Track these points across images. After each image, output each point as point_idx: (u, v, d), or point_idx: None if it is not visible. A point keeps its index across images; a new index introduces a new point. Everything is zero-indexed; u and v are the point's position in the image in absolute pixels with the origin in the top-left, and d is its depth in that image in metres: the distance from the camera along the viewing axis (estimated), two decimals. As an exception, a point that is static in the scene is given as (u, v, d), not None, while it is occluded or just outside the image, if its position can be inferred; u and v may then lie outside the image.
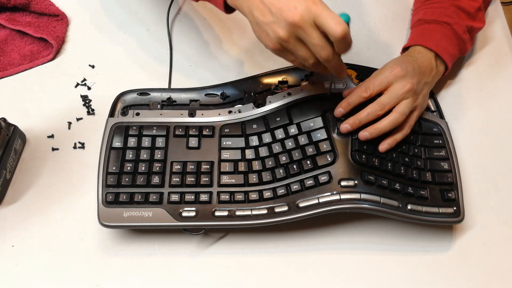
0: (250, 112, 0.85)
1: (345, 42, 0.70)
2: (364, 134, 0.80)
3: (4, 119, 0.85)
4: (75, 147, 0.89)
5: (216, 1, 0.78)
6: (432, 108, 0.90)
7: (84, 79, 0.96)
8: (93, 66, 0.98)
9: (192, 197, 0.78)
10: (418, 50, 0.88)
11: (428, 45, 0.88)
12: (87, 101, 0.94)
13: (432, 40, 0.89)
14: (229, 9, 0.78)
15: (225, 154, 0.82)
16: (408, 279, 0.80)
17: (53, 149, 0.89)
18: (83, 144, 0.89)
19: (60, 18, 1.01)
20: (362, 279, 0.80)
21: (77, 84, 0.96)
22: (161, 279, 0.79)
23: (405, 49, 0.92)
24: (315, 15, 0.68)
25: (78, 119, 0.92)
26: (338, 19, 0.67)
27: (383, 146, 0.81)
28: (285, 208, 0.77)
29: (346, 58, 0.92)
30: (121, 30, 1.03)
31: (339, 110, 0.82)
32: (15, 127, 0.86)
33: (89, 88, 0.95)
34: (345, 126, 0.81)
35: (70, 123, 0.92)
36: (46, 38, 0.97)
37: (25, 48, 0.98)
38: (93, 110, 0.93)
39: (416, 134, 0.84)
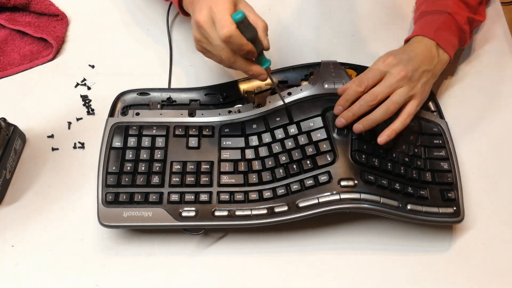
0: (250, 112, 0.85)
1: (232, 44, 0.70)
2: (358, 127, 0.80)
3: (4, 119, 0.85)
4: (75, 147, 0.89)
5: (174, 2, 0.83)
6: (432, 108, 0.90)
7: (84, 79, 0.96)
8: (93, 66, 0.98)
9: (192, 197, 0.78)
10: (417, 39, 0.88)
11: (427, 34, 0.88)
12: (87, 101, 0.94)
13: (431, 29, 0.88)
14: (185, 12, 0.84)
15: (225, 154, 0.82)
16: (408, 279, 0.79)
17: (53, 149, 0.89)
18: (83, 144, 0.89)
19: (60, 18, 1.01)
20: (362, 279, 0.80)
21: (77, 84, 0.96)
22: (161, 279, 0.79)
23: (406, 41, 0.92)
24: (212, 17, 0.70)
25: (78, 119, 0.92)
26: (224, 21, 0.69)
27: (382, 138, 0.80)
28: (285, 208, 0.77)
29: (347, 58, 0.93)
30: (121, 30, 1.03)
31: (338, 108, 0.82)
32: (15, 127, 0.86)
33: (89, 88, 0.96)
34: (340, 120, 0.81)
35: (70, 123, 0.92)
36: (46, 38, 0.97)
37: (25, 48, 0.99)
38: (93, 110, 0.93)
39: (416, 134, 0.84)
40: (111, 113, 0.86)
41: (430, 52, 0.86)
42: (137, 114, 0.86)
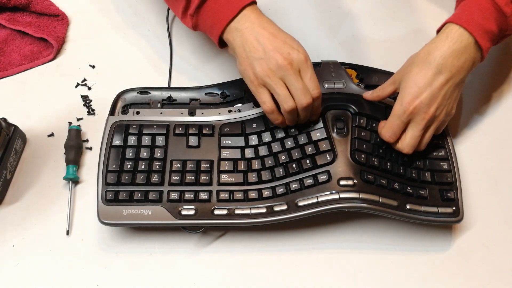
0: (250, 111, 0.85)
1: (315, 105, 0.78)
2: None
3: (4, 119, 0.85)
4: (75, 147, 0.89)
5: (212, 33, 0.80)
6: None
7: (85, 79, 0.97)
8: (93, 66, 0.98)
9: (192, 195, 0.78)
10: (447, 31, 0.77)
11: (456, 20, 0.76)
12: (87, 101, 0.94)
13: (463, 14, 0.77)
14: (223, 45, 0.82)
15: (225, 153, 0.82)
16: (407, 279, 0.80)
17: (53, 149, 0.89)
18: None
19: (60, 18, 1.01)
20: (361, 278, 0.80)
21: (78, 84, 0.96)
22: (161, 278, 0.79)
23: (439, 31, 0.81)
24: (302, 69, 0.76)
25: (78, 119, 0.92)
26: (317, 82, 0.76)
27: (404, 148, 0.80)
28: (284, 207, 0.77)
29: (347, 57, 0.93)
30: (121, 30, 1.03)
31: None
32: (16, 127, 0.86)
33: (89, 88, 0.96)
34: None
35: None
36: (47, 38, 0.97)
37: (25, 48, 0.99)
38: (93, 110, 0.93)
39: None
40: (112, 112, 0.86)
41: (466, 55, 0.76)
42: (138, 112, 0.86)
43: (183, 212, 0.77)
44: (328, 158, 0.80)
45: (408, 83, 0.77)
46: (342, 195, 0.77)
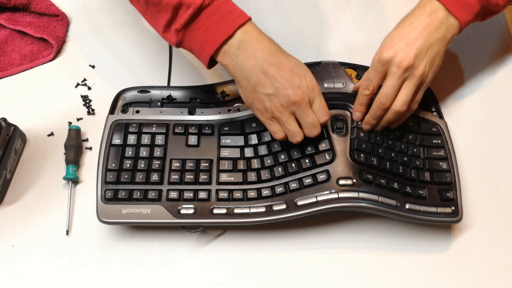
0: (249, 110, 0.85)
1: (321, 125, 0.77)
2: (367, 128, 0.82)
3: (4, 119, 0.85)
4: (75, 147, 0.89)
5: (201, 53, 0.75)
6: (432, 108, 0.90)
7: (85, 79, 0.97)
8: (93, 66, 0.98)
9: (191, 194, 0.78)
10: (422, 4, 0.78)
11: None
12: (87, 101, 0.94)
13: None
14: (212, 65, 0.77)
15: (224, 152, 0.82)
16: (406, 279, 0.80)
17: (53, 149, 0.89)
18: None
19: (60, 18, 1.01)
20: (360, 278, 0.80)
21: (77, 84, 0.96)
22: (160, 277, 0.79)
23: None
24: (312, 98, 0.75)
25: (78, 119, 0.92)
26: (327, 109, 0.76)
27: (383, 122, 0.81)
28: (283, 206, 0.77)
29: (347, 57, 0.93)
30: (121, 30, 1.03)
31: (356, 115, 0.82)
32: (16, 127, 0.86)
33: (89, 88, 0.96)
34: (365, 126, 0.82)
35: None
36: (46, 38, 0.97)
37: (25, 48, 0.99)
38: (93, 110, 0.93)
39: (415, 133, 0.84)
40: (112, 111, 0.87)
41: (435, 19, 0.76)
42: (137, 111, 0.86)
43: (182, 211, 0.77)
44: (327, 158, 0.80)
45: (384, 40, 0.79)
46: (341, 195, 0.77)
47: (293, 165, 0.80)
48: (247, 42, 0.72)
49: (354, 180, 0.78)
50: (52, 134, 0.91)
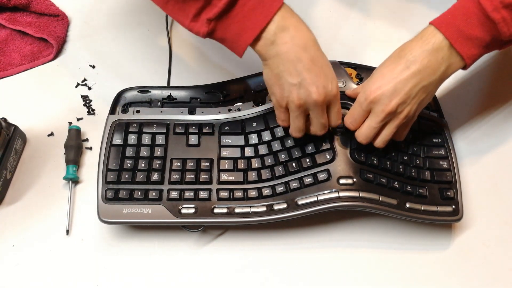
0: (250, 110, 0.85)
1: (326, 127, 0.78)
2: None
3: (4, 119, 0.85)
4: (75, 147, 0.89)
5: (237, 42, 0.71)
6: (432, 107, 0.90)
7: (85, 79, 0.97)
8: (93, 66, 0.98)
9: (192, 194, 0.78)
10: (428, 32, 0.73)
11: (436, 22, 0.73)
12: (87, 101, 0.94)
13: (446, 17, 0.73)
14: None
15: (225, 152, 0.82)
16: (406, 278, 0.80)
17: (53, 149, 0.89)
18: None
19: (60, 18, 1.01)
20: (361, 277, 0.80)
21: (78, 84, 0.96)
22: (161, 277, 0.79)
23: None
24: (331, 103, 0.74)
25: (78, 119, 0.92)
26: (341, 116, 0.77)
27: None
28: (284, 206, 0.77)
29: (347, 57, 0.93)
30: (121, 30, 1.03)
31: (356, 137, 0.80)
32: (16, 127, 0.86)
33: (89, 88, 0.96)
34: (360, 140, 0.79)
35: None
36: (47, 38, 0.98)
37: (25, 48, 0.99)
38: (93, 110, 0.93)
39: (415, 132, 0.84)
40: (112, 111, 0.87)
41: (436, 59, 0.72)
42: (138, 111, 0.86)
43: (183, 211, 0.77)
44: (328, 157, 0.80)
45: (375, 74, 0.76)
46: (342, 194, 0.77)
47: (294, 164, 0.80)
48: (285, 29, 0.69)
49: (355, 179, 0.78)
50: (52, 134, 0.91)
